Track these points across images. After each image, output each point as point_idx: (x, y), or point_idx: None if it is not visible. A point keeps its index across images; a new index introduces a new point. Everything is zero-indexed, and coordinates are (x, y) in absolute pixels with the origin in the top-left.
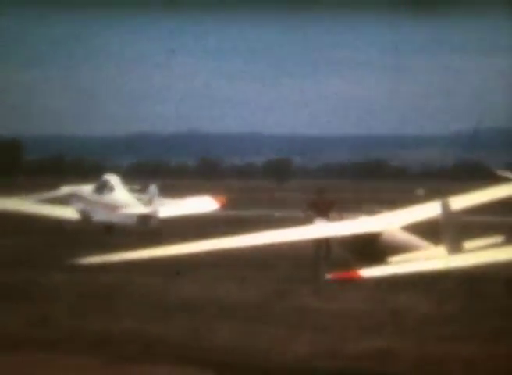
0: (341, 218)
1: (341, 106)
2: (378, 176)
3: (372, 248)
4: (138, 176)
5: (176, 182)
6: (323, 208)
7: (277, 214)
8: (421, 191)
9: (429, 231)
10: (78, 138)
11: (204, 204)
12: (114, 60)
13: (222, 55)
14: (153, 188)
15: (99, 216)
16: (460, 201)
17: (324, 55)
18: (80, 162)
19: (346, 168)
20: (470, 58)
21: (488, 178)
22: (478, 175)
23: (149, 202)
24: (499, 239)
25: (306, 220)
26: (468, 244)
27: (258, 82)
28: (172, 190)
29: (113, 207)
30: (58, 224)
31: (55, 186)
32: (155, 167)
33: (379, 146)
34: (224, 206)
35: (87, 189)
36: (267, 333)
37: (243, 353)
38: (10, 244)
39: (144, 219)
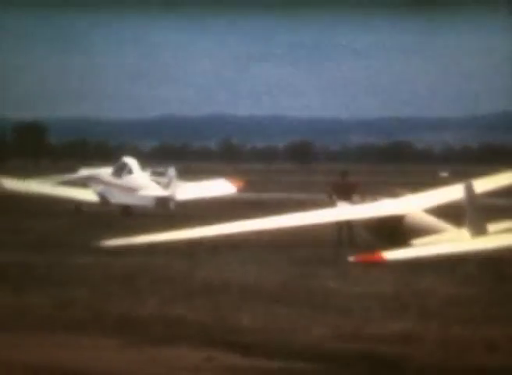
0: (364, 201)
1: (365, 89)
2: (403, 158)
3: (396, 231)
4: (162, 158)
5: (199, 165)
6: (346, 191)
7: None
8: (445, 174)
9: (453, 213)
10: (103, 121)
11: (221, 187)
12: (136, 45)
13: (246, 38)
14: (171, 171)
15: (117, 198)
16: (484, 184)
17: (347, 40)
18: (103, 145)
19: (369, 151)
20: (497, 41)
21: None
22: (503, 158)
23: (167, 185)
24: None
25: (329, 203)
26: (492, 227)
27: (281, 65)
28: (194, 172)
29: (131, 189)
30: (78, 206)
31: (78, 168)
32: (179, 150)
33: (404, 128)
34: (241, 189)
35: (105, 172)
36: (290, 315)
37: (266, 335)
38: (33, 226)
39: (162, 201)
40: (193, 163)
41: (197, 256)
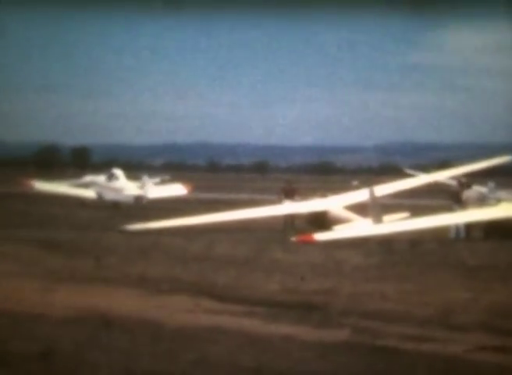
0: (302, 200)
1: (303, 124)
2: (328, 172)
3: (323, 220)
4: (167, 171)
5: (191, 175)
6: (290, 194)
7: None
8: (355, 183)
9: (360, 209)
10: (127, 146)
11: (177, 189)
12: (150, 86)
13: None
14: (146, 178)
15: (109, 196)
16: (381, 189)
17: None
18: (128, 163)
19: (305, 167)
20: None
21: (400, 175)
22: (393, 172)
23: (142, 187)
24: (406, 215)
25: (278, 201)
26: (386, 218)
27: (244, 108)
28: (188, 181)
29: (118, 190)
30: (82, 201)
31: (83, 176)
32: (178, 165)
33: (328, 152)
34: (191, 192)
35: (101, 178)
36: (251, 276)
37: (236, 289)
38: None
39: (138, 198)
40: (188, 174)
41: (190, 236)
